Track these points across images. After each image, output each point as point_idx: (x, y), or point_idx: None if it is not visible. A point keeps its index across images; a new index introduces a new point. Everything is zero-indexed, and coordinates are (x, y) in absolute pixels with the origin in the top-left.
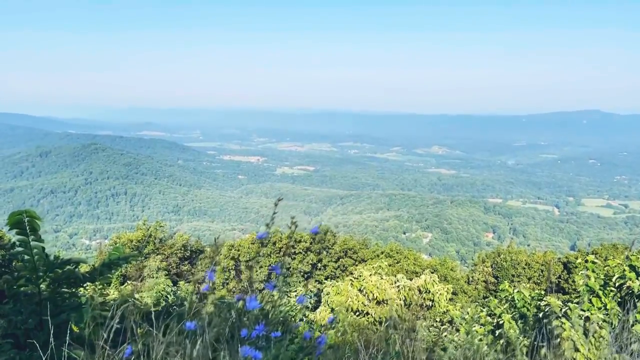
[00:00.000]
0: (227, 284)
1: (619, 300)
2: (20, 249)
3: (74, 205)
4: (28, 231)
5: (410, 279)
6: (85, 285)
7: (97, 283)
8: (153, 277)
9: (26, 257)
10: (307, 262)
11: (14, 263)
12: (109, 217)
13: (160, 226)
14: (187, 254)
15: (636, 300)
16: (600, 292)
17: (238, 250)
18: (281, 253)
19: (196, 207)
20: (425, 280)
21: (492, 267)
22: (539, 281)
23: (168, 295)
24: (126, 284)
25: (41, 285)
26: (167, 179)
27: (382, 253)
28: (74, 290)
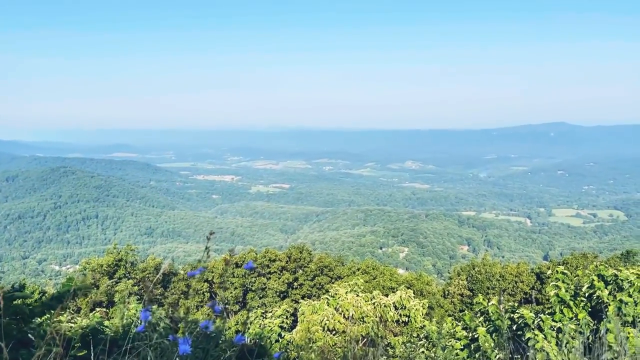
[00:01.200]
0: (201, 306)
1: (590, 309)
2: None
3: (43, 230)
4: None
5: (387, 295)
6: (34, 319)
7: (46, 317)
8: (123, 303)
9: None
10: (283, 281)
11: None
12: (79, 242)
13: (132, 249)
14: (160, 277)
15: (606, 310)
16: (571, 303)
17: (212, 272)
18: (255, 273)
19: (170, 228)
20: (401, 296)
21: (467, 280)
22: (513, 292)
23: (139, 321)
24: (95, 310)
25: None
26: (139, 200)
27: (358, 270)
28: (22, 326)
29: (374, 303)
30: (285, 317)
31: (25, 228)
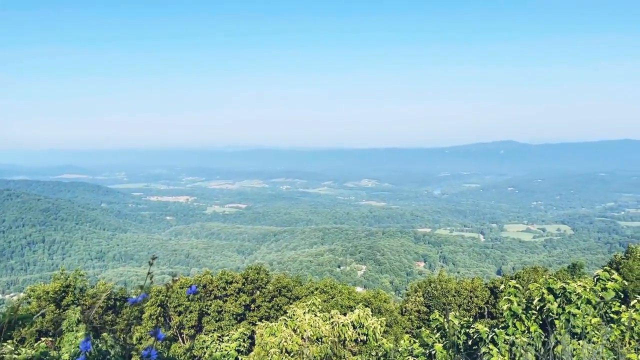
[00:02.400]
0: (156, 331)
1: (541, 322)
2: None
3: None
4: None
5: (345, 314)
6: None
7: None
8: (72, 331)
9: None
10: (240, 304)
11: None
12: (24, 268)
13: (80, 275)
14: (111, 303)
15: (555, 322)
16: (523, 316)
17: (167, 297)
18: (212, 296)
19: (122, 251)
20: (359, 315)
21: (424, 296)
22: (468, 307)
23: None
24: (40, 340)
25: None
26: (89, 223)
27: (316, 289)
28: None
29: (332, 323)
30: (242, 340)
31: None
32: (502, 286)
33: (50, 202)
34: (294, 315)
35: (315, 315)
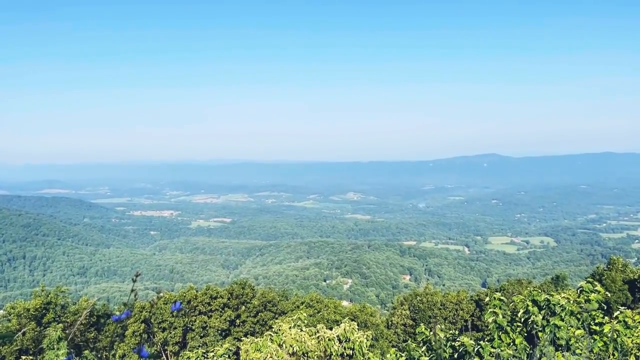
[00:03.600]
0: (139, 349)
1: (526, 334)
2: None
3: None
4: None
5: (331, 329)
6: None
7: None
8: (53, 349)
9: None
10: (225, 319)
11: None
12: (4, 285)
13: (62, 291)
14: (94, 320)
15: (540, 334)
16: (509, 328)
17: (150, 312)
18: (196, 312)
19: (105, 267)
20: (344, 329)
21: (410, 309)
22: (454, 320)
23: None
24: (20, 359)
25: None
26: (72, 239)
27: (302, 304)
28: None
29: (318, 337)
30: (227, 356)
31: None
32: (487, 299)
33: (31, 217)
34: (279, 330)
35: (301, 330)
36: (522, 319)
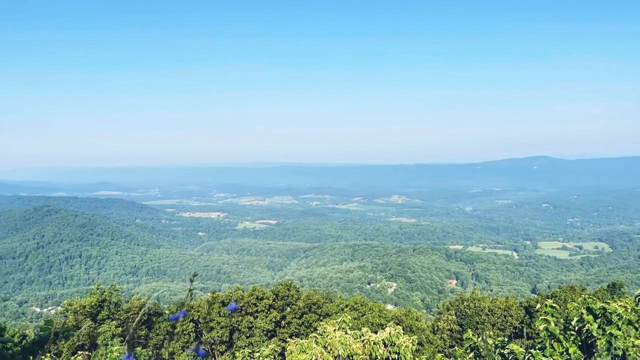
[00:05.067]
0: (187, 347)
1: (580, 343)
2: None
3: (25, 271)
4: None
5: (375, 332)
6: None
7: None
8: (107, 345)
9: None
10: (270, 320)
11: None
12: (62, 282)
13: (115, 290)
14: (144, 318)
15: (595, 343)
16: (561, 337)
17: (198, 312)
18: (243, 312)
19: (155, 267)
20: (390, 333)
21: (456, 315)
22: (502, 327)
23: None
24: (77, 354)
25: None
26: (124, 239)
27: (346, 306)
28: None
29: (362, 340)
30: (273, 357)
31: (6, 269)
32: (538, 305)
33: (87, 218)
34: (324, 332)
35: (346, 333)
36: (576, 328)
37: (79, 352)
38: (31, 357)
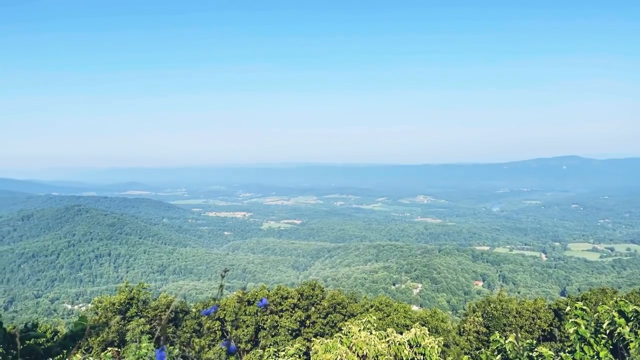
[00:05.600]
0: (213, 345)
1: (611, 347)
2: None
3: (56, 268)
4: None
5: (401, 333)
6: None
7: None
8: (135, 342)
9: None
10: (295, 319)
11: None
12: (92, 280)
13: (144, 288)
14: (172, 315)
15: (627, 347)
16: (592, 340)
17: (224, 310)
18: (268, 311)
19: (182, 265)
20: (415, 334)
21: (482, 316)
22: (531, 329)
23: None
24: (107, 350)
25: None
26: (152, 238)
27: (371, 307)
28: None
29: (388, 341)
30: (298, 356)
31: (39, 267)
32: (568, 308)
33: (116, 217)
34: (349, 332)
35: (371, 333)
36: (607, 331)
37: (109, 348)
38: (64, 352)
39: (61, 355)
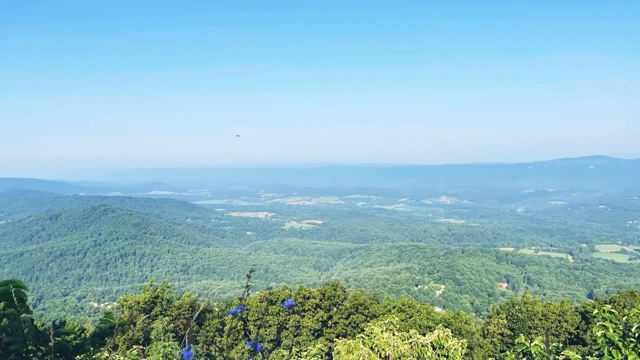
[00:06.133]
0: (236, 344)
1: None
2: (7, 321)
3: (83, 267)
4: (16, 302)
5: (424, 334)
6: (76, 356)
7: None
8: (160, 340)
9: (15, 330)
10: (317, 320)
11: (2, 337)
12: (117, 279)
13: (168, 287)
14: (195, 315)
15: None
16: (620, 344)
17: (247, 309)
18: (290, 311)
19: (205, 265)
20: (438, 335)
21: (507, 318)
22: (557, 332)
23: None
24: (132, 348)
25: (32, 359)
26: (175, 237)
27: (394, 308)
28: None
29: (410, 342)
30: (320, 356)
31: (66, 265)
32: (595, 311)
33: (140, 217)
34: (371, 333)
35: (394, 334)
36: (636, 334)
37: (134, 346)
38: (92, 349)
39: (89, 352)
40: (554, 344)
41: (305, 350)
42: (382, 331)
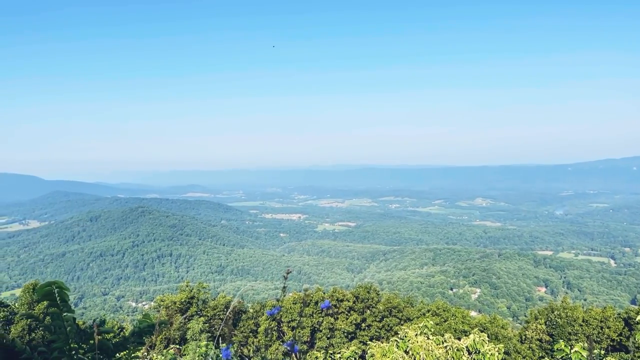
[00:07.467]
0: (270, 345)
1: None
2: (51, 320)
3: (122, 267)
4: (59, 302)
5: (459, 339)
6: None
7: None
8: (195, 340)
9: (58, 328)
10: (351, 322)
11: (46, 335)
12: (154, 279)
13: (203, 287)
14: (231, 316)
15: None
16: None
17: (301, 311)
18: (323, 313)
19: (239, 266)
20: (474, 340)
21: (546, 324)
22: (598, 339)
23: (210, 359)
24: (169, 347)
25: (74, 357)
26: (211, 239)
27: (428, 311)
28: None
29: (445, 346)
30: (354, 358)
31: (106, 265)
32: (639, 317)
33: (177, 218)
34: (405, 336)
35: (428, 338)
36: None
37: (171, 346)
38: (131, 347)
39: (129, 350)
40: (595, 351)
41: (339, 353)
42: (416, 335)
